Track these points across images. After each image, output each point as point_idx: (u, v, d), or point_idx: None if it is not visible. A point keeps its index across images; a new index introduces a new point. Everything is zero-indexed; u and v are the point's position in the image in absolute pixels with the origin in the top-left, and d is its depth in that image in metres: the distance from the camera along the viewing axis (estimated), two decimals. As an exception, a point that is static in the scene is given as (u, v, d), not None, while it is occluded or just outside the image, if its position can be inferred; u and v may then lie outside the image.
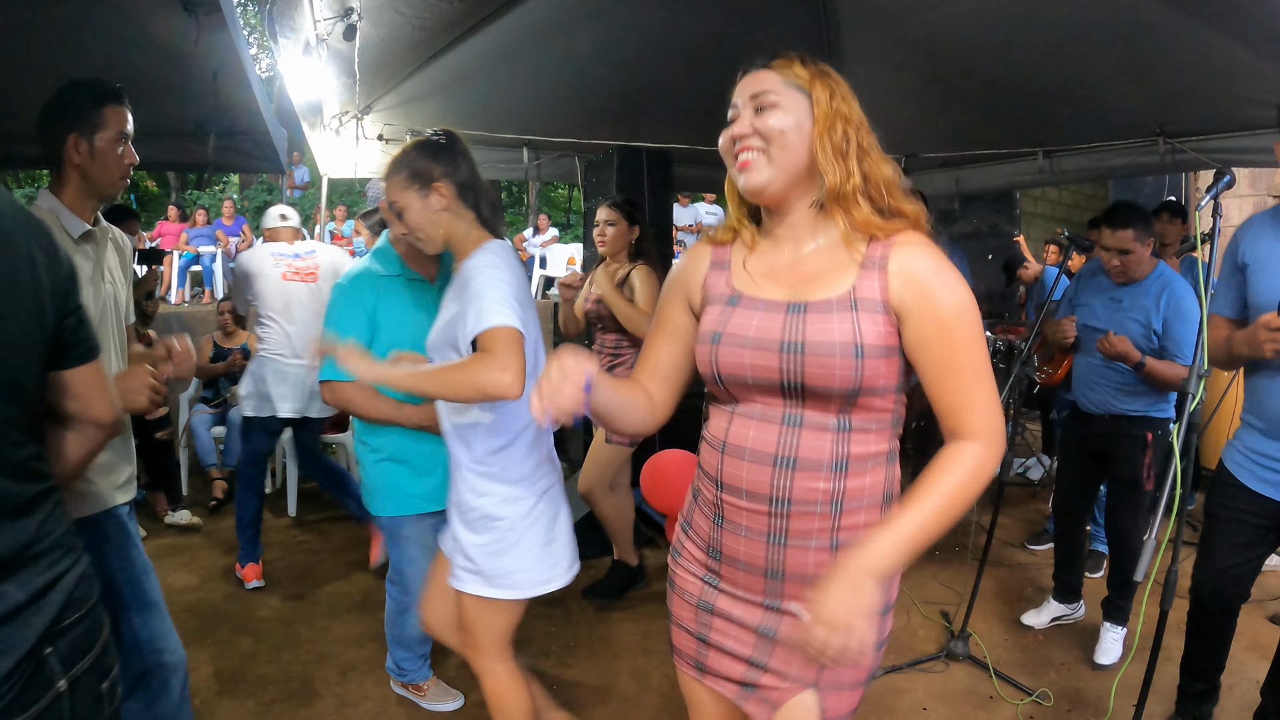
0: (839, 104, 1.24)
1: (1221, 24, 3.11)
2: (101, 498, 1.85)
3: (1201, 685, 2.42)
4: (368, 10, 3.13)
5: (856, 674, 1.32)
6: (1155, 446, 2.94)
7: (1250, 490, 2.17)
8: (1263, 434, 2.16)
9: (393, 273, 2.24)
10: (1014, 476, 5.04)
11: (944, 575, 3.76)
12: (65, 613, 1.15)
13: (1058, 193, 8.96)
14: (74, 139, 1.81)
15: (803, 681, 1.31)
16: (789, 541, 1.26)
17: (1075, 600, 3.33)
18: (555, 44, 4.10)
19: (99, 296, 1.88)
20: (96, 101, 1.82)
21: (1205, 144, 4.07)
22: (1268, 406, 2.13)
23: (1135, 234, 2.87)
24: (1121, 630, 3.04)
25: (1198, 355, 1.96)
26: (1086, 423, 3.11)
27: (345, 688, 2.83)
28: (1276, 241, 2.12)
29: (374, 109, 4.40)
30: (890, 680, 2.88)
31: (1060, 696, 2.79)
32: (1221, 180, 2.09)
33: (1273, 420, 2.12)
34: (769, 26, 4.25)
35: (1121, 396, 2.98)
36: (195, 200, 12.38)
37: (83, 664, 1.17)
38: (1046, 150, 4.80)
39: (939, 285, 1.19)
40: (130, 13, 3.01)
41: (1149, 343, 2.86)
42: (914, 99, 4.73)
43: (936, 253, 1.21)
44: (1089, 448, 3.13)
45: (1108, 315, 2.98)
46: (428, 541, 2.34)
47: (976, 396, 1.21)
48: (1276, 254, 2.11)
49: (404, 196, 1.87)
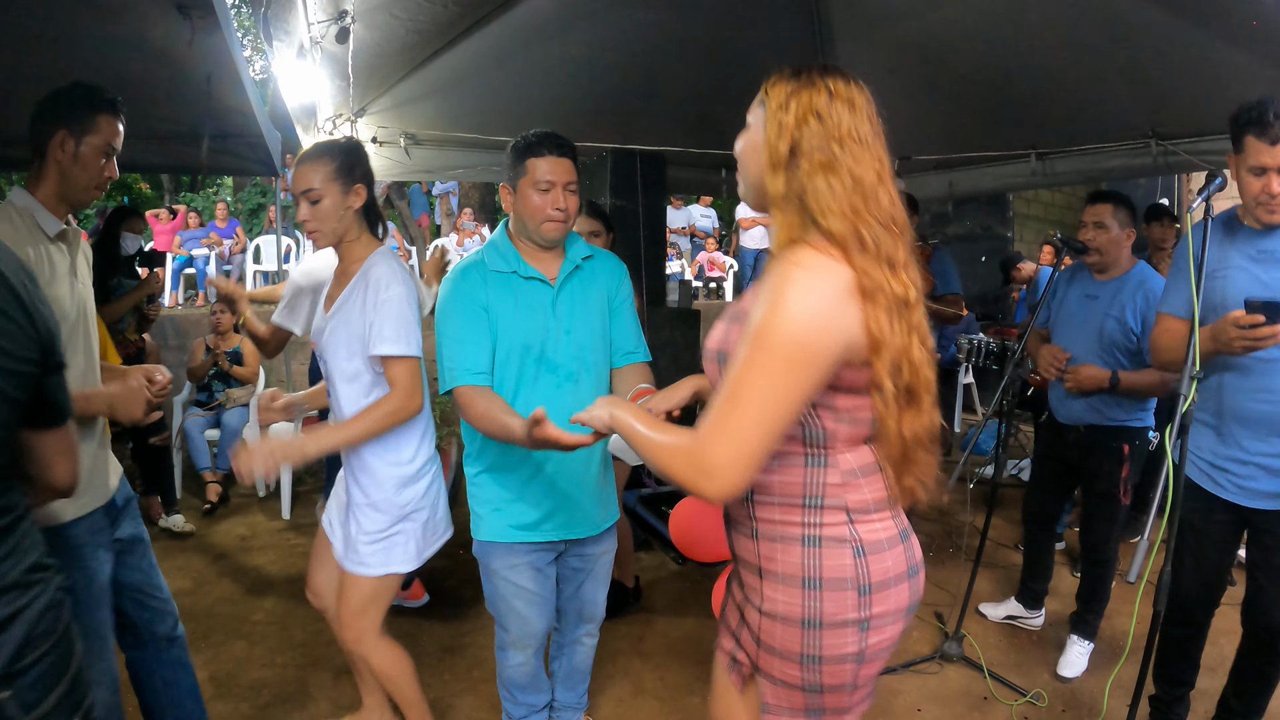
0: (780, 114, 1.24)
1: (1213, 26, 3.13)
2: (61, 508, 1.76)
3: (1180, 691, 2.43)
4: (362, 13, 3.13)
5: (786, 670, 1.33)
6: (1132, 459, 2.89)
7: (1211, 495, 2.21)
8: (1217, 436, 2.18)
9: (508, 269, 2.02)
10: (1007, 478, 5.05)
11: (938, 576, 3.77)
12: (25, 650, 1.09)
13: (1050, 195, 8.99)
14: (62, 136, 1.78)
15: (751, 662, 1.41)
16: (732, 526, 1.40)
17: (1037, 608, 3.32)
18: (549, 47, 4.10)
19: (75, 296, 1.85)
20: (93, 106, 1.81)
21: (1197, 146, 4.08)
22: (1229, 406, 2.14)
23: (1113, 209, 2.88)
24: (1088, 645, 3.00)
25: (1189, 357, 1.97)
26: (1061, 433, 3.05)
27: (340, 691, 2.82)
28: (1231, 247, 2.16)
29: (368, 112, 4.40)
30: (884, 681, 2.89)
31: (1054, 697, 2.80)
32: (1213, 182, 2.11)
33: (1234, 419, 2.14)
34: (762, 30, 4.26)
35: (1098, 406, 2.90)
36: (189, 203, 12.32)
37: (48, 702, 1.12)
38: (1039, 152, 4.81)
39: (761, 300, 1.18)
40: (124, 15, 3.01)
41: (1128, 340, 2.84)
42: (907, 102, 4.74)
43: (785, 271, 1.18)
44: (1063, 458, 3.08)
45: (1084, 313, 2.96)
46: (522, 580, 2.13)
47: (718, 411, 1.17)
48: (1231, 259, 2.15)
49: (328, 187, 2.02)
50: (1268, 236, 2.12)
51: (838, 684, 1.32)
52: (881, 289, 1.19)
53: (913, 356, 1.24)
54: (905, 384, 1.25)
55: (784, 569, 1.31)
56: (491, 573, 2.13)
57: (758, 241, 9.85)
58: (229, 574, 3.84)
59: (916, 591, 1.37)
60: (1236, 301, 2.08)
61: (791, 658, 1.31)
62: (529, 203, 1.97)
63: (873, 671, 1.36)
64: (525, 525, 2.08)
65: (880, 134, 1.27)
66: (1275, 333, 1.93)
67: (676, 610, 3.44)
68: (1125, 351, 2.85)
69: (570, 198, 1.99)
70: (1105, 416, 2.90)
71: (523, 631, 2.17)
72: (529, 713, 2.34)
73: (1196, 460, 2.24)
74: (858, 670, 1.32)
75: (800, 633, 1.30)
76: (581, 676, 2.46)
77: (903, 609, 1.35)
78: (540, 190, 1.96)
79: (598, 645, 2.45)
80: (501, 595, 2.14)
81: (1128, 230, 2.89)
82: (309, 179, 2.01)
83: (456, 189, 11.40)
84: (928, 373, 1.28)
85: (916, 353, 1.25)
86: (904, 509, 1.38)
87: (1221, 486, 2.19)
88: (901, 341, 1.23)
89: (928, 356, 1.27)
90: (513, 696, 2.31)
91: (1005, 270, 6.70)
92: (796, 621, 1.30)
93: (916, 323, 1.26)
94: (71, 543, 1.77)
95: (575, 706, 2.48)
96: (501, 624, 2.20)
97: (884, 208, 1.24)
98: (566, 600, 2.32)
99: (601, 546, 2.25)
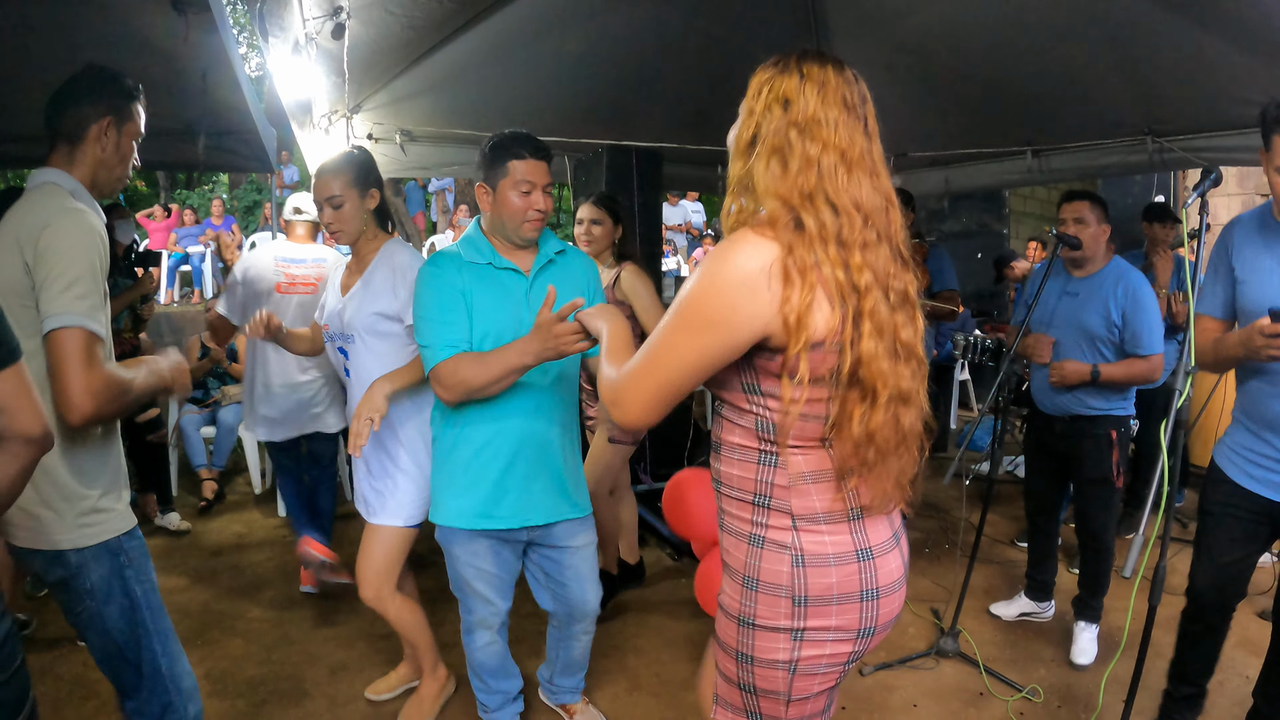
0: (751, 103, 1.26)
1: (1209, 23, 3.13)
2: (122, 518, 1.75)
3: (1189, 690, 2.42)
4: (357, 9, 3.12)
5: (726, 663, 1.35)
6: (1120, 444, 2.96)
7: (1240, 486, 2.19)
8: (1252, 433, 2.18)
9: (483, 260, 2.10)
10: (1003, 474, 5.06)
11: (933, 572, 3.78)
12: None
13: (1047, 191, 8.99)
14: (107, 122, 1.73)
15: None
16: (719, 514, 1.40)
17: (1046, 600, 3.34)
18: (545, 43, 4.10)
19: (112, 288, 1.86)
20: (132, 96, 1.77)
21: (1193, 143, 4.09)
22: (1259, 408, 2.14)
23: (1090, 205, 2.93)
24: (1094, 628, 3.04)
25: (1184, 352, 1.98)
26: (1048, 424, 3.12)
27: (336, 688, 2.82)
28: (1264, 249, 2.13)
29: (364, 108, 4.39)
30: (880, 677, 2.89)
31: (1050, 692, 2.80)
32: (1208, 179, 2.11)
33: (1263, 421, 2.14)
34: (758, 27, 4.26)
35: (1080, 397, 2.98)
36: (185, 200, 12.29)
37: None
38: (1035, 149, 4.82)
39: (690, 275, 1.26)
40: (120, 11, 2.99)
41: (1110, 334, 2.89)
42: (903, 99, 4.74)
43: (716, 250, 1.21)
44: (1052, 449, 3.14)
45: (1065, 309, 3.00)
46: (483, 564, 2.21)
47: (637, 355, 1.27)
48: (1263, 262, 2.12)
49: (348, 193, 2.34)
50: None
51: (769, 689, 1.30)
52: (812, 272, 1.16)
53: (862, 348, 1.19)
54: (853, 376, 1.20)
55: (733, 563, 1.33)
56: (453, 558, 2.22)
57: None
58: (225, 571, 3.83)
59: (876, 616, 1.29)
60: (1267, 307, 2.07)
61: (729, 652, 1.33)
62: (509, 204, 2.04)
63: (811, 686, 1.30)
64: (483, 513, 2.13)
65: (859, 116, 1.24)
66: None
67: (672, 606, 3.44)
68: (1107, 344, 2.91)
69: (547, 199, 2.09)
70: (1088, 406, 2.97)
71: (486, 612, 2.27)
72: (504, 702, 2.41)
73: (1229, 453, 2.24)
74: (790, 680, 1.28)
75: (737, 629, 1.30)
76: (579, 666, 2.55)
77: (852, 629, 1.28)
78: (521, 192, 2.03)
79: (594, 641, 2.48)
80: (464, 579, 2.23)
81: (1103, 226, 2.95)
82: (331, 187, 2.33)
83: (452, 185, 11.39)
84: (882, 365, 1.20)
85: (867, 344, 1.19)
86: (888, 513, 1.33)
87: (1253, 479, 2.17)
88: (844, 329, 1.18)
89: (884, 348, 1.21)
90: (485, 684, 2.37)
91: (998, 268, 6.72)
92: (735, 617, 1.31)
93: (870, 310, 1.19)
94: (140, 549, 1.78)
95: (573, 690, 2.60)
96: (466, 606, 2.29)
97: (845, 190, 1.20)
98: (556, 600, 2.36)
99: (574, 539, 2.27)
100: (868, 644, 1.32)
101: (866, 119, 1.25)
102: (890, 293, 1.23)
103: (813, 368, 1.18)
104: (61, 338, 1.53)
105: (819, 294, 1.16)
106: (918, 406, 1.28)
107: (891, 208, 1.25)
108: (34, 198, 1.65)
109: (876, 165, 1.25)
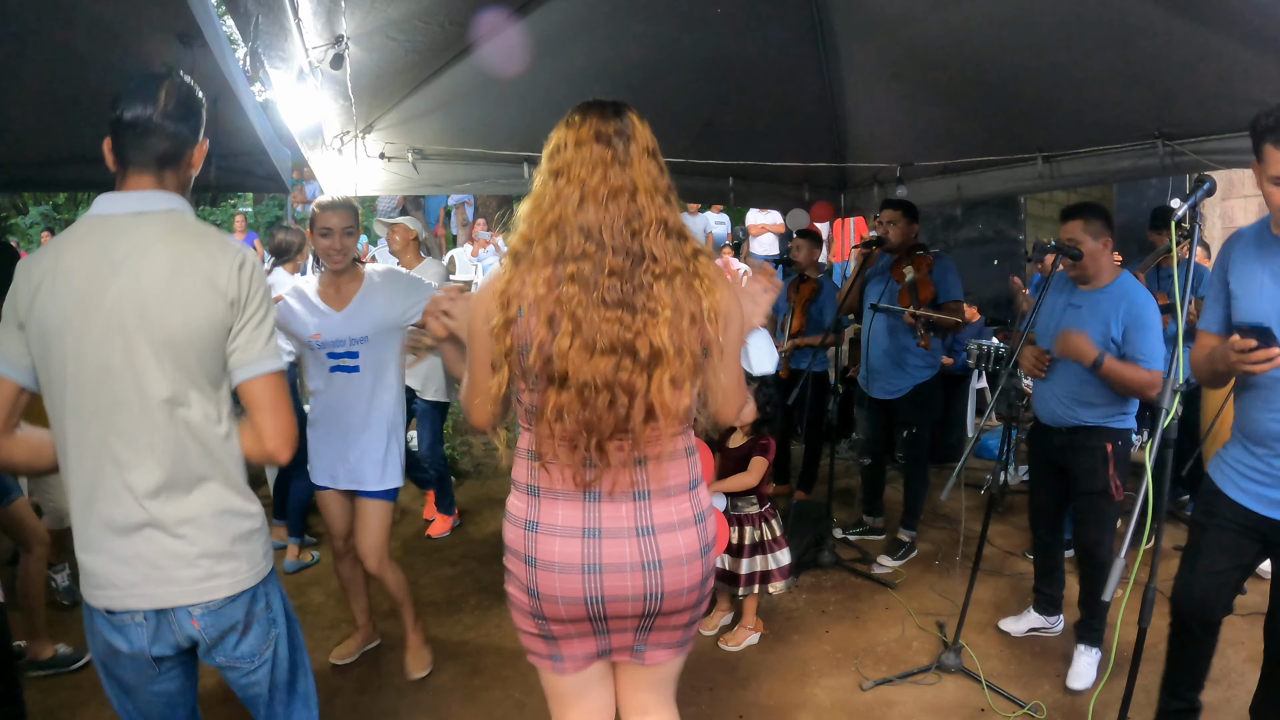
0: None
1: (1217, 24, 3.10)
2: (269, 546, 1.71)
3: (1179, 704, 2.39)
4: (358, 36, 3.18)
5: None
6: (1116, 457, 2.92)
7: (1230, 499, 2.18)
8: (1245, 448, 2.17)
9: None
10: (1019, 484, 5.01)
11: (941, 586, 3.76)
12: None
13: (1065, 195, 8.88)
14: (204, 143, 1.64)
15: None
16: None
17: (1055, 613, 3.31)
18: (553, 60, 4.13)
19: None
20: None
21: (1204, 145, 4.04)
22: (1251, 424, 2.14)
23: (1084, 225, 2.92)
24: (1095, 652, 2.98)
25: (1172, 369, 1.95)
26: (1047, 435, 3.10)
27: (334, 685, 2.86)
28: (1258, 263, 2.12)
29: (375, 128, 4.46)
30: (880, 692, 2.89)
31: (1053, 709, 2.78)
32: (1201, 188, 2.10)
33: (1255, 436, 2.13)
34: (765, 38, 4.28)
35: (1077, 407, 2.95)
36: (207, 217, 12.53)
37: None
38: (1046, 155, 4.77)
39: None
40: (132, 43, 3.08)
41: (1108, 349, 2.87)
42: (910, 107, 4.73)
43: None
44: (1052, 461, 3.11)
45: (1068, 321, 2.98)
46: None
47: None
48: (1256, 277, 2.11)
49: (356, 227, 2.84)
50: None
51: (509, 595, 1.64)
52: (525, 293, 1.43)
53: (554, 346, 1.42)
54: (547, 369, 1.43)
55: None
56: None
57: (767, 248, 9.84)
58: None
59: (536, 582, 1.53)
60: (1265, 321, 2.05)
61: None
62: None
63: (518, 620, 1.62)
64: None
65: (603, 157, 1.45)
66: (1272, 355, 1.92)
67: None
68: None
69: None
70: (1082, 419, 2.95)
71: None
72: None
73: (1224, 466, 2.23)
74: (510, 605, 1.63)
75: None
76: None
77: (520, 580, 1.57)
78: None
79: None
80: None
81: (1103, 240, 2.93)
82: (348, 219, 2.79)
83: (472, 199, 11.49)
84: (575, 359, 1.41)
85: (561, 341, 1.42)
86: (580, 499, 1.52)
87: (1243, 491, 2.16)
88: (540, 333, 1.43)
89: (581, 343, 1.41)
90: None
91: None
92: None
93: (570, 312, 1.41)
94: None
95: None
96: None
97: (576, 216, 1.44)
98: None
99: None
100: (541, 608, 1.55)
101: (619, 149, 1.47)
102: (605, 294, 1.43)
103: (519, 363, 1.46)
104: (278, 380, 1.57)
105: (523, 308, 1.44)
106: (637, 396, 1.44)
107: (638, 220, 1.45)
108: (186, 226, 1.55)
109: (625, 187, 1.45)
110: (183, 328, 1.47)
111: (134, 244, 1.48)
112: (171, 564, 1.50)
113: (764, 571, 3.25)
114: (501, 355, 1.46)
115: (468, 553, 4.22)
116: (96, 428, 1.48)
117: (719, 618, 3.43)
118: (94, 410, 1.47)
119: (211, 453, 1.53)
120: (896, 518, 4.29)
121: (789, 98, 4.81)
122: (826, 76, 4.69)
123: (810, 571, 3.97)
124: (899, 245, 4.11)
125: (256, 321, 1.54)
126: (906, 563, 4.08)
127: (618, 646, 1.63)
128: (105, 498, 1.49)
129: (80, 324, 1.45)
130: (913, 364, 4.09)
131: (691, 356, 1.46)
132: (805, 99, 4.85)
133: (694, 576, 1.57)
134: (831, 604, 3.65)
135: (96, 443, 1.48)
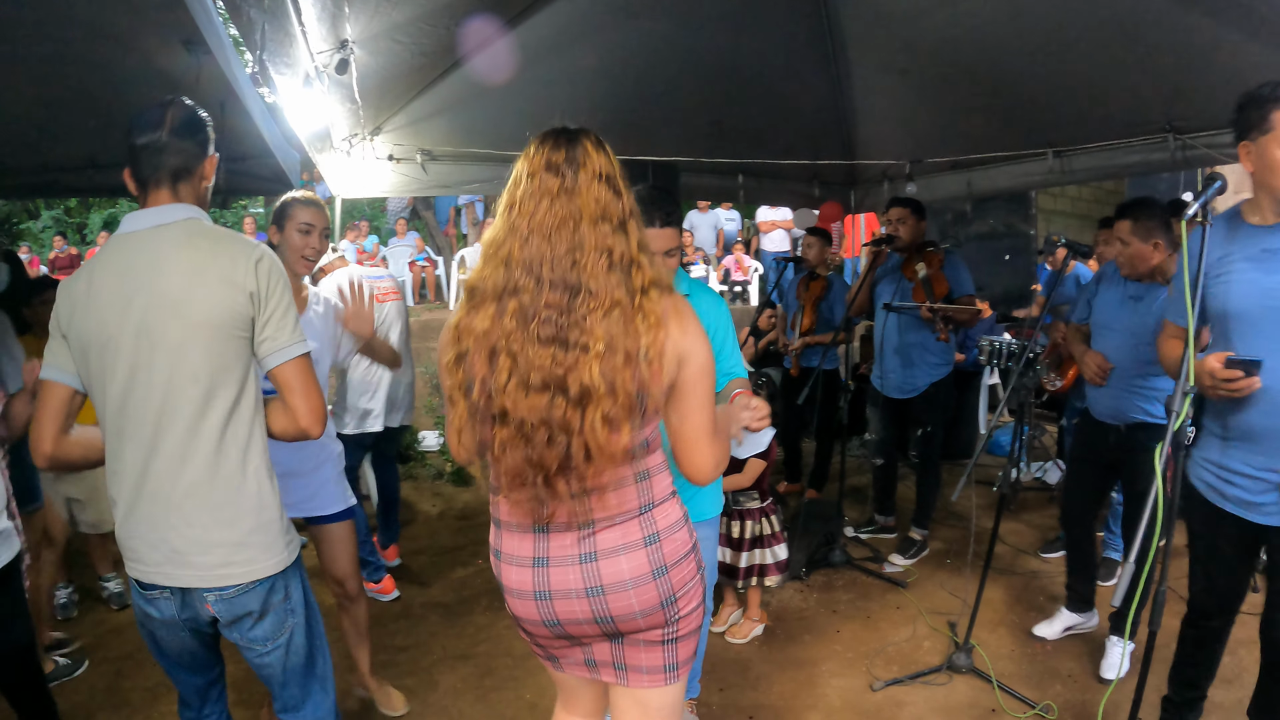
0: None
1: (1228, 17, 3.07)
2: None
3: (1190, 694, 2.39)
4: (364, 40, 3.19)
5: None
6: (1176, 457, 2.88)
7: (1218, 508, 2.17)
8: (1221, 441, 2.15)
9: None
10: (1031, 480, 4.98)
11: (952, 584, 3.74)
12: None
13: (1077, 189, 8.81)
14: (215, 157, 1.76)
15: None
16: None
17: (1089, 609, 3.28)
18: (560, 60, 4.14)
19: None
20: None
21: (1215, 139, 3.99)
22: (1232, 418, 2.10)
23: (1132, 226, 2.86)
24: (1130, 645, 2.96)
25: (1184, 372, 1.94)
26: (1101, 432, 3.01)
27: (347, 683, 2.88)
28: (1230, 244, 2.11)
29: (383, 130, 4.48)
30: (891, 693, 2.88)
31: (1065, 710, 2.76)
32: (1212, 185, 2.07)
33: (1237, 432, 2.10)
34: (772, 36, 4.26)
35: (1142, 402, 2.88)
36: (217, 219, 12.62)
37: None
38: (1056, 150, 4.73)
39: None
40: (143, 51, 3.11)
41: None
42: (919, 103, 4.70)
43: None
44: (1102, 458, 3.04)
45: (1126, 314, 2.94)
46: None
47: None
48: (1229, 259, 2.10)
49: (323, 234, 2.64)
50: (1272, 234, 2.06)
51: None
52: (474, 329, 1.44)
53: (494, 382, 1.42)
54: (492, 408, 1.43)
55: None
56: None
57: (777, 244, 9.81)
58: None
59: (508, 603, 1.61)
60: (1238, 307, 2.06)
61: None
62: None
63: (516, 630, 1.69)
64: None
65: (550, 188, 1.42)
66: (1251, 385, 1.93)
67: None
68: None
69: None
70: (1150, 414, 2.88)
71: None
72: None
73: (1200, 470, 2.21)
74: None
75: None
76: None
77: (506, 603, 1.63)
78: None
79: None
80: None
81: (1154, 241, 2.86)
82: (321, 220, 2.58)
83: (482, 198, 11.50)
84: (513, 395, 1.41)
85: (499, 377, 1.42)
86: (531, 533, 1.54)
87: (1226, 499, 2.15)
88: (480, 369, 1.43)
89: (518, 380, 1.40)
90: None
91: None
92: None
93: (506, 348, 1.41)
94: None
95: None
96: None
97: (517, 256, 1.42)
98: None
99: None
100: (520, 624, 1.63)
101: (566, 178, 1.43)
102: (540, 329, 1.40)
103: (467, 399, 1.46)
104: (306, 362, 1.69)
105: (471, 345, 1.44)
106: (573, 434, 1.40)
107: (579, 250, 1.41)
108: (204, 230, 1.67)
109: (571, 216, 1.41)
110: (206, 324, 1.59)
111: (156, 253, 1.62)
112: (191, 550, 1.64)
113: (762, 565, 3.30)
114: (456, 389, 1.49)
115: (479, 554, 4.24)
116: (133, 426, 1.62)
117: (727, 614, 3.45)
118: (130, 410, 1.61)
119: (234, 446, 1.65)
120: (908, 516, 4.28)
121: (798, 95, 4.80)
122: (835, 73, 4.67)
123: (822, 570, 3.96)
124: (909, 243, 4.10)
125: (281, 311, 1.66)
126: (918, 561, 4.07)
127: (600, 660, 1.63)
128: (147, 493, 1.64)
129: (114, 332, 1.59)
130: (928, 361, 4.07)
131: (626, 396, 1.39)
132: (814, 96, 4.83)
133: (647, 600, 1.51)
134: (843, 603, 3.64)
135: (133, 439, 1.62)
